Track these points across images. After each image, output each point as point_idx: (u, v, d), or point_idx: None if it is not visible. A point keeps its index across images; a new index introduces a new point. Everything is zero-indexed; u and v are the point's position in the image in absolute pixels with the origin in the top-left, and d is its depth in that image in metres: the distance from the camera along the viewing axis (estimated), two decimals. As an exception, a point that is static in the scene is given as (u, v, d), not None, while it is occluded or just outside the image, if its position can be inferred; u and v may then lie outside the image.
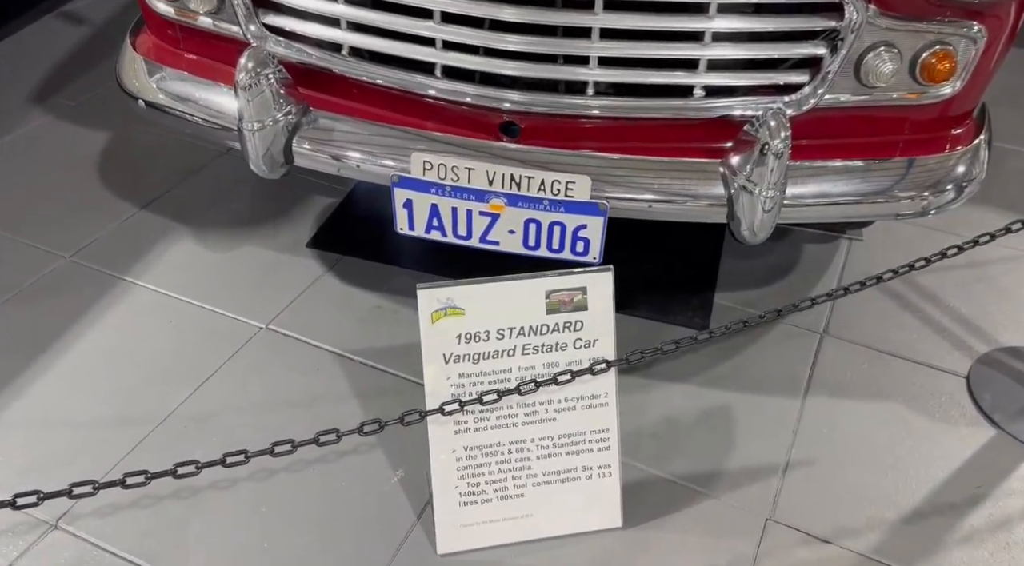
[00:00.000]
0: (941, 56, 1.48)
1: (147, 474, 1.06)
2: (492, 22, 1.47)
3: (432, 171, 1.54)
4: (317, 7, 1.55)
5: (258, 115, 1.54)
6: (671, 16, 1.43)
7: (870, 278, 1.62)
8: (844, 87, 1.51)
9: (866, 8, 1.42)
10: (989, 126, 1.68)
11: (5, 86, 2.63)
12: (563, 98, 1.54)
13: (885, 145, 1.60)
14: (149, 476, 1.06)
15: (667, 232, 2.12)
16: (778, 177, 1.44)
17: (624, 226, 1.79)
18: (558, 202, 1.53)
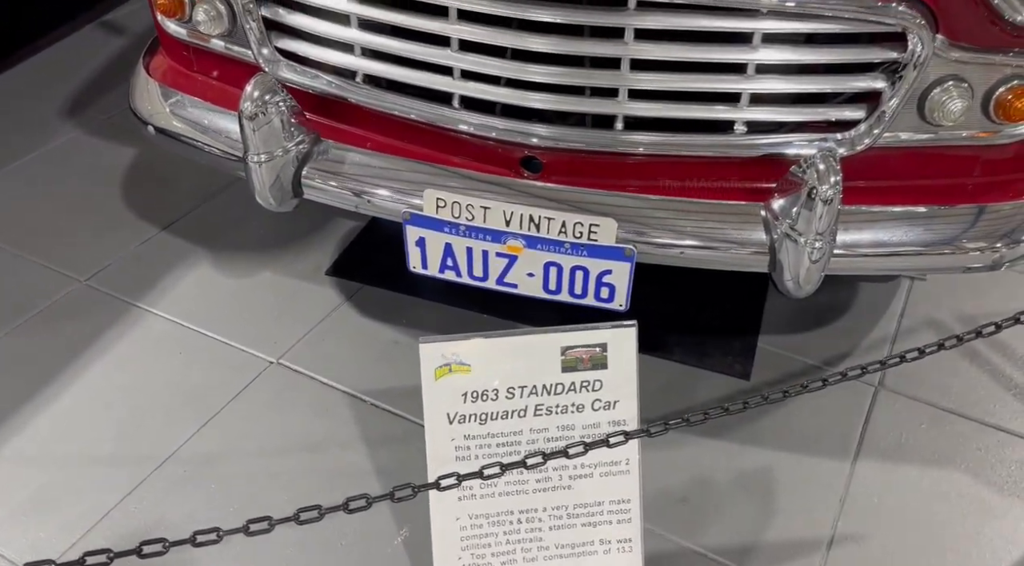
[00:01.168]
0: (1020, 92, 1.30)
1: (110, 553, 0.97)
2: (515, 51, 1.35)
3: (446, 209, 1.42)
4: (331, 31, 1.46)
5: (265, 146, 1.45)
6: (710, 47, 1.29)
7: (930, 345, 1.45)
8: (906, 125, 1.34)
9: (933, 38, 1.25)
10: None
11: (42, 98, 2.61)
12: (594, 133, 1.41)
13: (953, 189, 1.43)
14: (112, 556, 0.98)
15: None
16: (827, 225, 1.28)
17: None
18: (581, 246, 1.40)
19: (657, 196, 1.42)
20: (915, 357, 1.31)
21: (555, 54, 1.32)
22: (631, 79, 1.33)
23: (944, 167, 1.42)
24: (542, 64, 1.34)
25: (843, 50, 1.29)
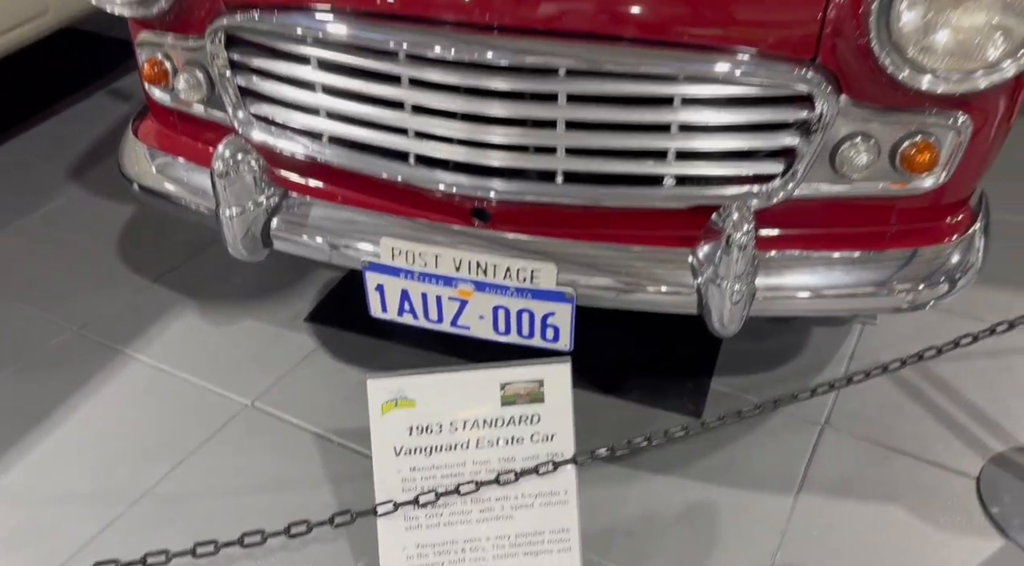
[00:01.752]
0: (922, 147, 1.41)
1: None
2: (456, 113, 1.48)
3: (401, 257, 1.54)
4: (298, 97, 1.60)
5: (236, 201, 1.58)
6: (636, 109, 1.42)
7: (876, 367, 1.54)
8: (821, 177, 1.45)
9: (838, 100, 1.37)
10: (987, 213, 1.60)
11: (51, 159, 2.78)
12: (537, 186, 1.53)
13: (871, 236, 1.53)
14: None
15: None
16: (744, 269, 1.39)
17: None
18: (524, 289, 1.51)
19: (595, 243, 1.54)
20: (861, 379, 1.39)
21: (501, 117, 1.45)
22: (566, 138, 1.46)
23: (863, 215, 1.52)
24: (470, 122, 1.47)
25: (758, 111, 1.41)
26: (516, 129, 1.47)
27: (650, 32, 1.37)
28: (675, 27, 1.37)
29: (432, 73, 1.44)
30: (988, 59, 1.28)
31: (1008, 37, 1.26)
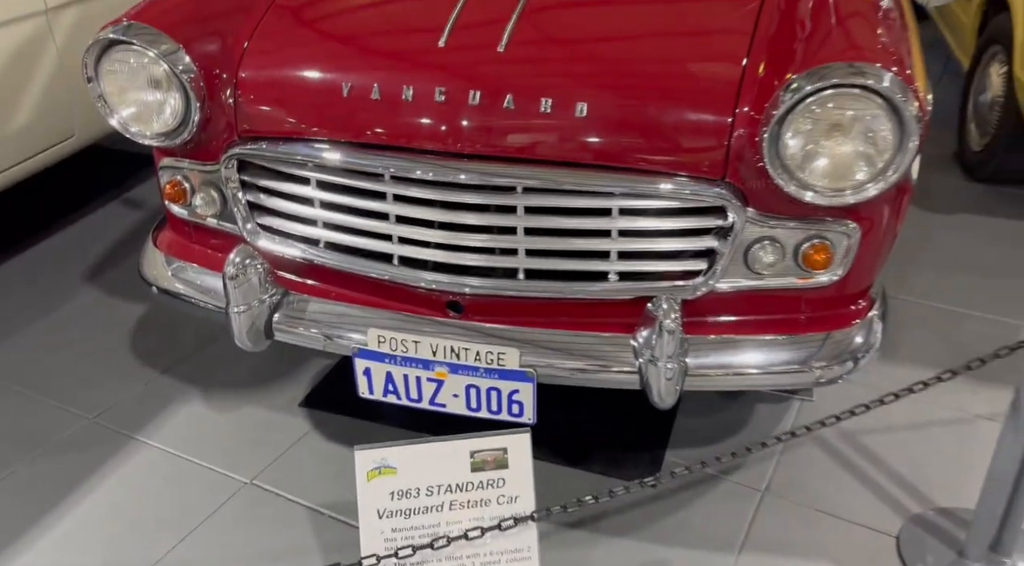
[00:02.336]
0: (819, 248, 1.70)
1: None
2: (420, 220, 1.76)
3: (385, 344, 1.79)
4: (299, 211, 1.88)
5: (244, 299, 1.84)
6: (581, 218, 1.70)
7: (784, 433, 1.77)
8: (737, 273, 1.73)
9: (745, 210, 1.66)
10: (884, 301, 1.87)
11: (68, 264, 3.04)
12: (503, 283, 1.80)
13: (786, 322, 1.79)
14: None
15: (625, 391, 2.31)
16: (674, 350, 1.65)
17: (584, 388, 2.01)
18: (492, 370, 1.75)
19: (553, 330, 1.80)
20: (745, 454, 1.62)
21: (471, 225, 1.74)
22: (525, 242, 1.74)
23: (777, 304, 1.79)
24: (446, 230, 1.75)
25: (682, 219, 1.70)
26: (484, 235, 1.75)
27: (591, 157, 1.68)
28: (611, 153, 1.67)
29: (414, 191, 1.73)
30: (856, 180, 1.58)
31: (870, 164, 1.57)
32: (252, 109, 1.84)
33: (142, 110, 1.88)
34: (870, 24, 1.72)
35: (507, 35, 1.74)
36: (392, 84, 1.72)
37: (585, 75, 1.71)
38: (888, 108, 1.52)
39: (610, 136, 1.67)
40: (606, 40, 1.79)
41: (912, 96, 1.52)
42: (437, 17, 1.82)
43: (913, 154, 1.54)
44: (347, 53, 1.83)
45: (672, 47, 1.79)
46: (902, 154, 1.55)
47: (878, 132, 1.55)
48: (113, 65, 1.85)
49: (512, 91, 1.67)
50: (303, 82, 1.81)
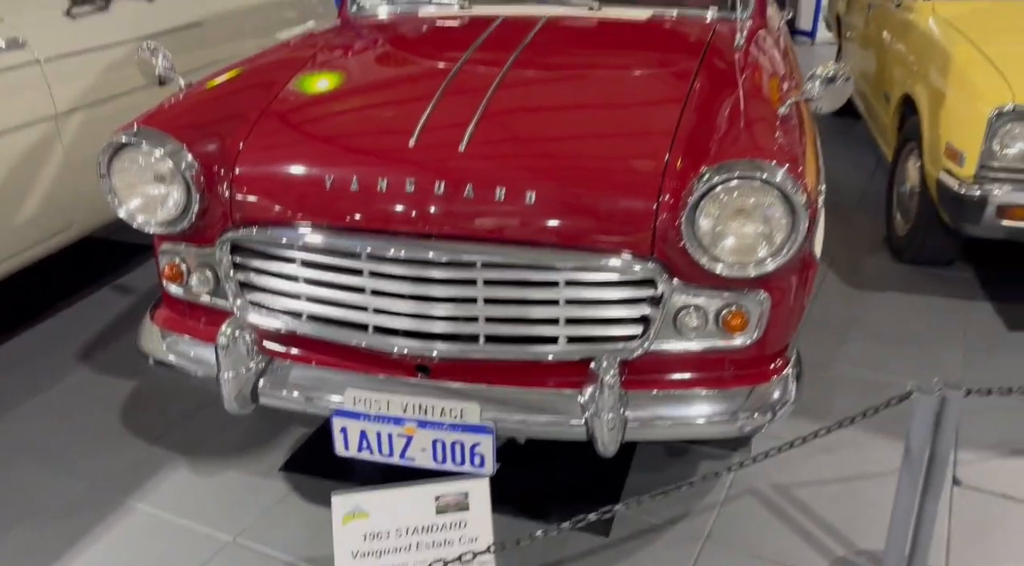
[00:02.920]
0: (735, 314, 1.97)
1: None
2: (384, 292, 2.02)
3: (360, 404, 2.02)
4: (284, 287, 2.13)
5: (232, 367, 2.07)
6: (532, 288, 1.97)
7: (685, 482, 1.99)
8: (668, 336, 1.99)
9: (671, 282, 1.94)
10: (799, 361, 2.13)
11: (64, 344, 3.23)
12: (468, 346, 2.04)
13: (712, 378, 2.05)
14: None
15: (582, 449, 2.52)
16: (613, 404, 1.89)
17: (543, 445, 2.22)
18: (456, 425, 1.98)
19: (510, 388, 2.03)
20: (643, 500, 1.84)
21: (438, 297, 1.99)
22: (485, 310, 1.99)
23: (705, 363, 2.04)
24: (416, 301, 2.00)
25: (619, 290, 1.97)
26: (449, 305, 2.01)
27: (539, 237, 1.95)
28: (557, 234, 1.95)
29: (387, 267, 2.00)
30: (758, 257, 1.87)
31: (769, 243, 1.86)
32: (246, 200, 2.11)
33: (148, 202, 2.14)
34: (771, 128, 2.05)
35: (467, 136, 2.05)
36: (369, 177, 2.00)
37: (534, 169, 2.01)
38: (782, 197, 1.83)
39: (555, 220, 1.95)
40: (551, 139, 2.11)
41: (801, 188, 1.82)
42: (409, 121, 2.12)
43: (803, 235, 1.84)
44: (330, 151, 2.12)
45: (607, 145, 2.11)
46: (795, 235, 1.84)
47: (774, 217, 1.84)
48: (124, 163, 2.12)
49: (471, 182, 1.96)
50: (291, 176, 2.09)
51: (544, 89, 2.35)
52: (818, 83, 2.01)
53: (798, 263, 2.04)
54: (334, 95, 2.40)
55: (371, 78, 2.53)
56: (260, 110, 2.27)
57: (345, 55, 2.70)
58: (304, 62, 2.55)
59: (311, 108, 2.32)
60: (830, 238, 4.06)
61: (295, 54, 2.67)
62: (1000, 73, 3.02)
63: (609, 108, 2.26)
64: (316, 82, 2.45)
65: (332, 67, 2.58)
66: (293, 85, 2.40)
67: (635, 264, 1.93)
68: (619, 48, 2.66)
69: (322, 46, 2.73)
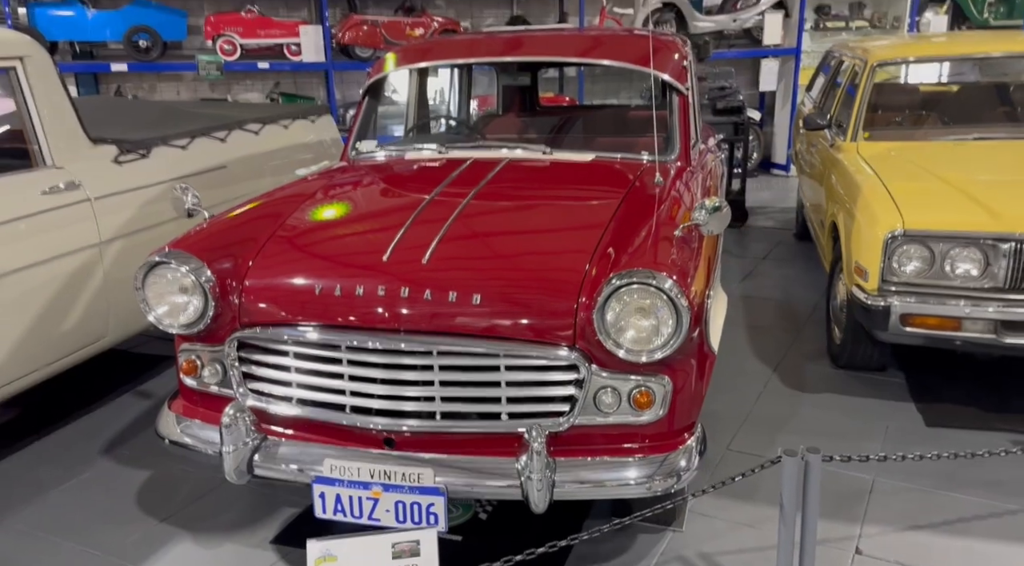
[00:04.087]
0: (644, 394, 2.42)
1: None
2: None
3: (336, 471, 2.44)
4: (279, 376, 2.60)
5: (234, 442, 2.50)
6: (478, 373, 2.43)
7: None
8: (590, 412, 2.43)
9: (590, 367, 2.40)
10: (703, 438, 2.55)
11: (92, 440, 3.65)
12: (428, 422, 2.48)
13: (626, 448, 2.46)
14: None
15: (531, 518, 2.88)
16: (541, 468, 2.30)
17: (498, 512, 2.59)
18: (414, 487, 2.39)
19: (460, 456, 2.45)
20: None
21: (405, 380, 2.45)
22: (440, 391, 2.45)
23: (622, 434, 2.46)
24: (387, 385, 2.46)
25: (550, 373, 2.43)
26: (412, 388, 2.46)
27: (483, 331, 2.43)
28: (498, 328, 2.43)
29: (363, 357, 2.47)
30: (651, 346, 2.33)
31: (660, 336, 2.33)
32: (252, 306, 2.61)
33: (173, 308, 2.65)
34: (669, 246, 2.55)
35: (429, 252, 2.57)
36: (350, 285, 2.51)
37: (480, 277, 2.52)
38: (668, 301, 2.31)
39: (496, 316, 2.43)
40: (496, 255, 2.64)
41: (685, 295, 2.31)
42: (385, 241, 2.64)
43: (686, 331, 2.31)
44: (320, 267, 2.64)
45: (541, 259, 2.64)
46: (679, 330, 2.31)
47: (663, 317, 2.33)
48: (155, 278, 2.65)
49: (430, 288, 2.46)
50: (289, 287, 2.60)
51: (495, 216, 2.90)
52: (704, 212, 2.54)
53: (694, 354, 2.50)
54: (329, 223, 2.96)
55: (360, 208, 3.10)
56: (268, 235, 2.81)
57: (342, 190, 3.28)
58: (307, 196, 3.13)
59: (308, 233, 2.86)
60: (777, 346, 4.53)
61: (300, 189, 3.25)
62: (895, 204, 3.55)
63: (546, 231, 2.80)
64: (315, 212, 3.01)
65: (329, 200, 3.16)
66: (296, 215, 2.96)
67: (561, 352, 2.40)
68: (562, 183, 3.25)
69: (324, 183, 3.32)
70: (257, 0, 9.06)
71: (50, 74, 3.50)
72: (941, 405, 3.81)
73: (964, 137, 4.51)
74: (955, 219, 3.38)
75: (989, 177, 3.91)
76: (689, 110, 3.55)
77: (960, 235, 3.33)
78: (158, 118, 4.55)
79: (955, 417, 3.68)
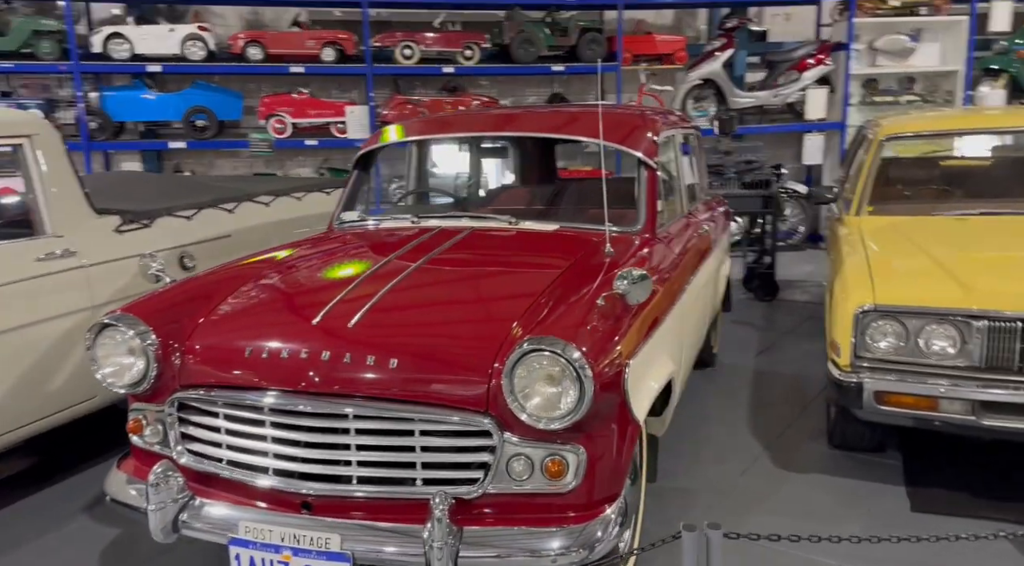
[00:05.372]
0: (555, 463, 2.38)
1: None
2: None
3: (251, 533, 2.46)
4: (211, 437, 2.66)
5: (159, 500, 2.56)
6: (390, 436, 2.44)
7: None
8: (503, 480, 2.39)
9: (503, 434, 2.38)
10: (625, 511, 2.47)
11: (75, 499, 3.78)
12: (345, 487, 2.48)
13: (540, 518, 2.41)
14: None
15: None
16: (442, 537, 2.27)
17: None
18: (322, 552, 2.39)
19: (370, 521, 2.44)
20: None
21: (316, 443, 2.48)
22: (357, 455, 2.46)
23: (538, 504, 2.41)
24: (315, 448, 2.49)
25: (464, 439, 2.41)
26: (331, 451, 2.48)
27: (399, 395, 2.45)
28: (413, 393, 2.44)
29: (285, 419, 2.51)
30: (555, 414, 2.31)
31: (564, 405, 2.30)
32: (191, 368, 2.70)
33: (118, 369, 2.77)
34: (588, 316, 2.53)
35: (358, 316, 2.63)
36: (277, 348, 2.58)
37: (399, 342, 2.55)
38: (572, 371, 2.29)
39: (411, 381, 2.45)
40: (421, 321, 2.68)
41: (588, 364, 2.28)
42: (322, 305, 2.72)
43: (588, 401, 2.28)
44: (254, 331, 2.72)
45: (463, 326, 2.67)
46: (583, 401, 2.29)
47: (567, 386, 2.30)
48: (105, 340, 2.78)
49: (349, 352, 2.51)
50: (224, 350, 2.69)
51: (435, 283, 2.95)
52: (625, 282, 2.54)
53: (613, 424, 2.46)
54: (278, 289, 3.05)
55: (312, 275, 3.17)
56: (218, 301, 2.92)
57: (303, 258, 3.36)
58: (267, 264, 3.25)
59: (255, 299, 2.95)
60: (777, 423, 4.37)
61: (265, 258, 3.37)
62: (871, 278, 3.44)
63: (480, 298, 2.84)
64: (269, 279, 3.11)
65: (287, 267, 3.24)
66: (252, 282, 3.07)
67: (474, 418, 2.39)
68: (514, 253, 3.28)
69: (289, 251, 3.44)
70: (311, 81, 9.61)
71: (58, 151, 3.78)
72: (931, 490, 3.59)
73: (969, 212, 4.36)
74: (927, 295, 3.25)
75: (984, 254, 3.76)
76: (656, 184, 3.56)
77: (931, 311, 3.20)
78: (176, 191, 4.83)
79: (943, 503, 3.46)
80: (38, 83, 9.68)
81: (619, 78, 9.53)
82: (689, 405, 4.74)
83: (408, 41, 9.17)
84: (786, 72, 10.22)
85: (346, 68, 9.18)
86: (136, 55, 8.74)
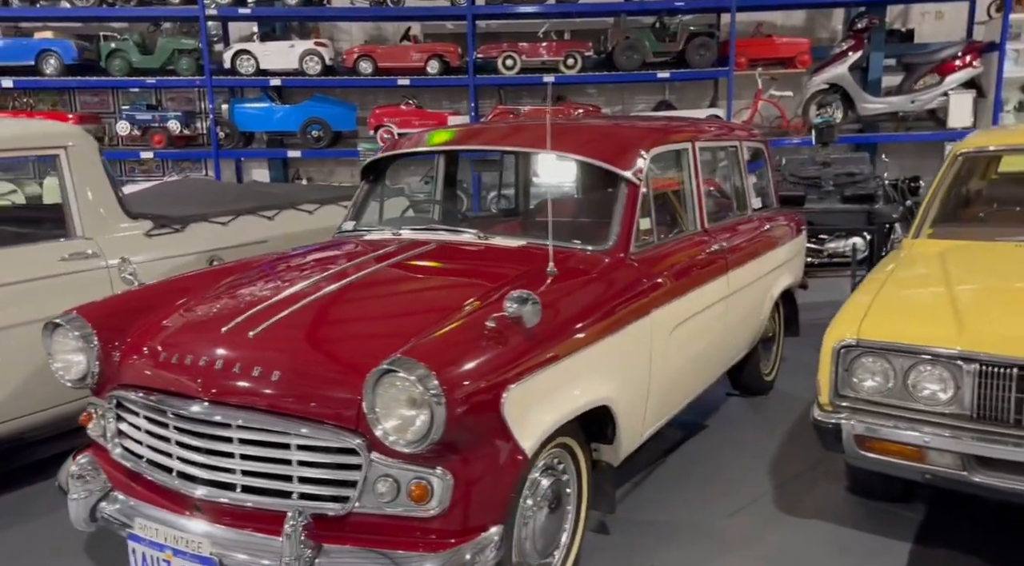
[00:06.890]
0: (418, 486, 2.28)
1: None
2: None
3: (143, 530, 2.55)
4: (135, 434, 2.78)
5: (77, 491, 2.70)
6: (270, 448, 2.45)
7: None
8: (371, 500, 2.33)
9: (370, 454, 2.32)
10: (501, 542, 2.33)
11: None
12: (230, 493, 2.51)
13: (404, 541, 2.32)
14: None
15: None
16: (292, 552, 2.25)
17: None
18: (196, 555, 2.43)
19: (247, 530, 2.45)
20: None
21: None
22: (241, 464, 2.48)
23: (408, 527, 2.32)
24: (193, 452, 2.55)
25: (335, 456, 2.37)
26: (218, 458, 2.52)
27: (280, 407, 2.45)
28: (291, 407, 2.43)
29: (182, 424, 2.58)
30: (407, 437, 2.22)
31: (416, 428, 2.22)
32: (124, 369, 2.83)
33: (66, 365, 2.96)
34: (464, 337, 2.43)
35: (262, 327, 2.65)
36: (184, 354, 2.66)
37: (286, 355, 2.54)
38: (422, 393, 2.20)
39: (290, 395, 2.44)
40: (319, 336, 2.67)
41: (441, 388, 2.19)
42: (240, 314, 2.76)
43: (441, 425, 2.18)
44: (174, 338, 2.78)
45: (346, 344, 2.64)
46: (434, 424, 2.19)
47: (422, 407, 2.22)
48: (57, 337, 2.98)
49: (240, 362, 2.54)
50: (147, 353, 2.78)
51: (358, 298, 2.91)
52: (514, 305, 2.41)
53: (488, 450, 2.34)
54: (221, 296, 3.06)
55: (256, 284, 3.15)
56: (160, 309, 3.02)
57: (269, 266, 3.40)
58: (229, 272, 3.35)
59: (194, 307, 3.00)
60: (796, 461, 3.97)
61: (232, 266, 3.47)
62: (867, 310, 3.05)
63: (395, 314, 2.79)
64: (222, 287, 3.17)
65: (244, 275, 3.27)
66: (205, 289, 3.15)
67: (344, 436, 2.35)
68: (459, 267, 3.19)
69: (261, 259, 3.52)
70: (422, 93, 9.91)
71: (92, 159, 4.11)
72: (938, 550, 3.13)
73: None
74: (916, 331, 2.83)
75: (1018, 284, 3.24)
76: (636, 201, 3.34)
77: (917, 350, 2.78)
78: (221, 198, 5.12)
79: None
80: (183, 97, 10.64)
81: (730, 84, 9.09)
82: (719, 433, 4.44)
83: (510, 51, 9.24)
84: (926, 75, 9.35)
85: (449, 79, 9.38)
86: (261, 70, 9.39)
